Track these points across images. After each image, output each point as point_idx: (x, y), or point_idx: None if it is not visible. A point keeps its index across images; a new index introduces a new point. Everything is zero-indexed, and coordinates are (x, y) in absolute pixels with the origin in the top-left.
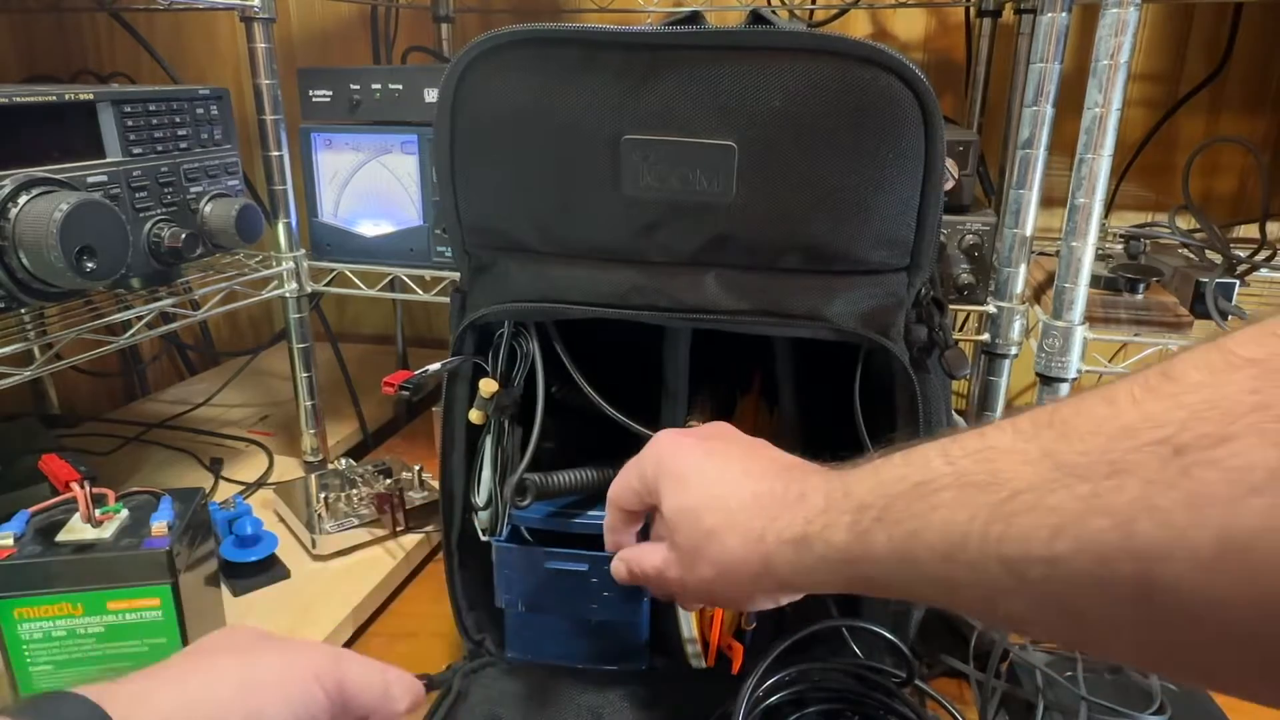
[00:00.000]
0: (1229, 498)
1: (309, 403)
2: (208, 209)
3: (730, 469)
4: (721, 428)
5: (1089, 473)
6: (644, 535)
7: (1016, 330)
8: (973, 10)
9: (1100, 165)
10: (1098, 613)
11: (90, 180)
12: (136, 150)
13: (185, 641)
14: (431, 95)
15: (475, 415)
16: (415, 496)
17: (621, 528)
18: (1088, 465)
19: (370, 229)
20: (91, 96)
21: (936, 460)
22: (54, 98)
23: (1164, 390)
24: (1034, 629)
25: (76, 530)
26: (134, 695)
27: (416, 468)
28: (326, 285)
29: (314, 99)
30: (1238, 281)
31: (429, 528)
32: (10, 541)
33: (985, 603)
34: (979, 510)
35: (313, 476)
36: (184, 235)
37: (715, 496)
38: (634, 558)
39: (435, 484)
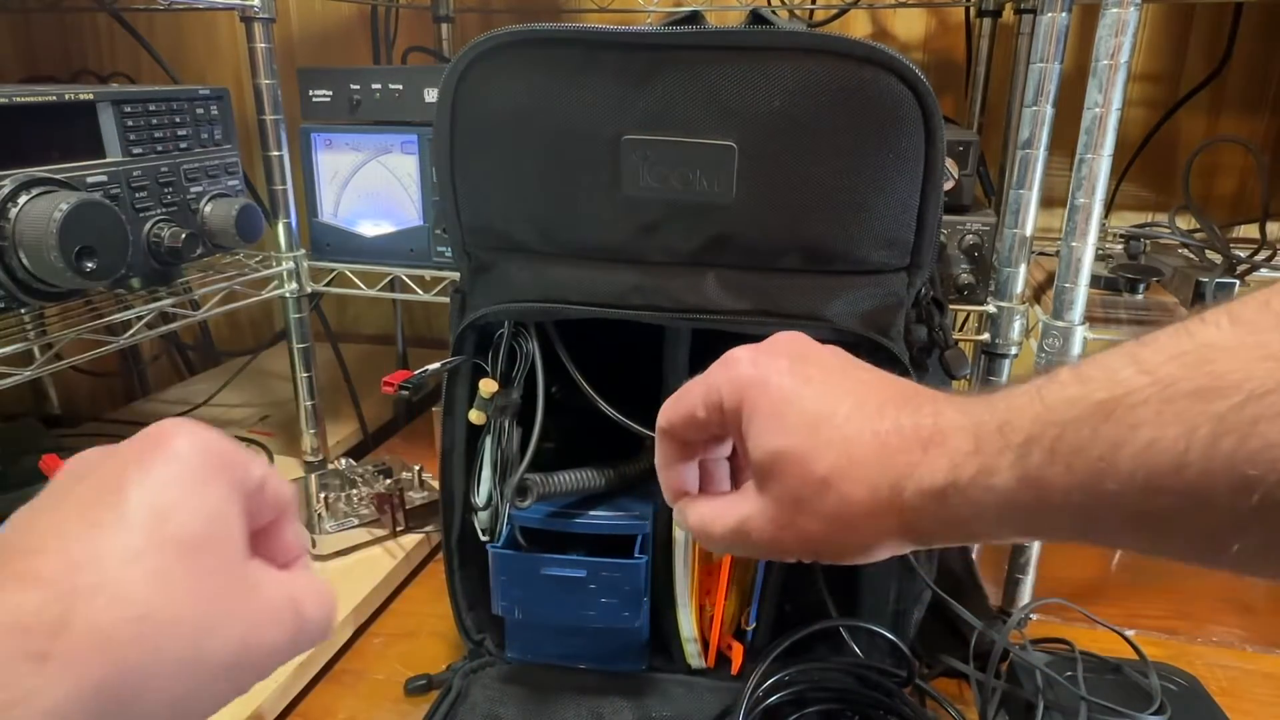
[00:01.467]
0: None
1: (309, 403)
2: (208, 209)
3: (840, 401)
4: (801, 342)
5: None
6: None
7: (1016, 330)
8: (973, 10)
9: (1100, 165)
10: None
11: (90, 180)
12: (136, 150)
13: None
14: (431, 95)
15: (475, 415)
16: (415, 496)
17: (678, 463)
18: None
19: (370, 229)
20: (91, 96)
21: (1126, 370)
22: (54, 98)
23: None
24: (1274, 569)
25: None
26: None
27: (416, 468)
28: (326, 285)
29: (314, 99)
30: (1238, 281)
31: (429, 528)
32: None
33: (1210, 539)
34: (1200, 422)
35: (313, 476)
36: (184, 235)
37: (827, 439)
38: (710, 515)
39: (435, 484)
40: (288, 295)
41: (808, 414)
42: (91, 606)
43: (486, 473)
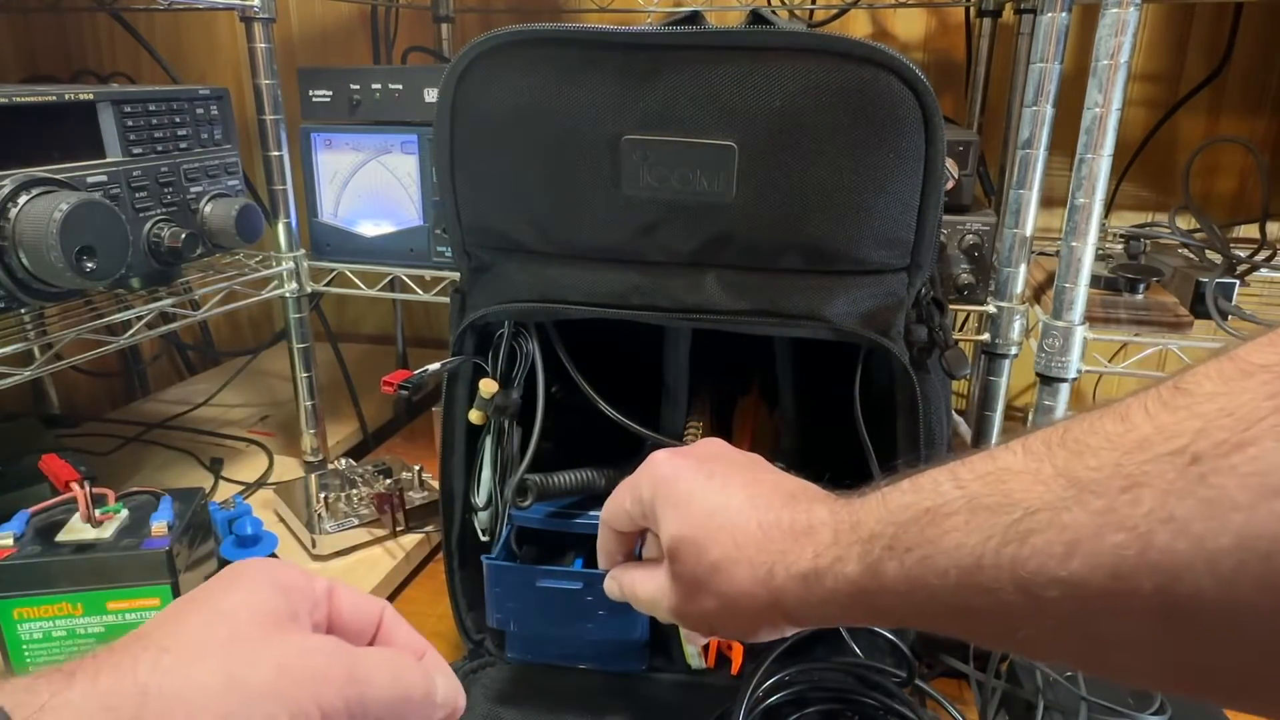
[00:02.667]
0: (1248, 503)
1: (309, 403)
2: (208, 209)
3: (733, 495)
4: (717, 445)
5: (1103, 488)
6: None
7: (1016, 330)
8: (973, 10)
9: (1100, 165)
10: (1118, 633)
11: (90, 180)
12: (136, 150)
13: None
14: (431, 95)
15: (475, 415)
16: (415, 496)
17: (615, 548)
18: (1102, 480)
19: (370, 229)
20: (91, 96)
21: (946, 484)
22: (54, 98)
23: (1177, 402)
24: (1052, 653)
25: (76, 530)
26: (58, 696)
27: (416, 468)
28: (326, 285)
29: (314, 99)
30: (1238, 281)
31: (429, 528)
32: (10, 541)
33: (1002, 629)
34: (992, 532)
35: (313, 476)
36: (184, 235)
37: (719, 527)
38: (628, 581)
39: (435, 484)
40: (288, 295)
41: (705, 506)
42: (111, 698)
43: (486, 473)
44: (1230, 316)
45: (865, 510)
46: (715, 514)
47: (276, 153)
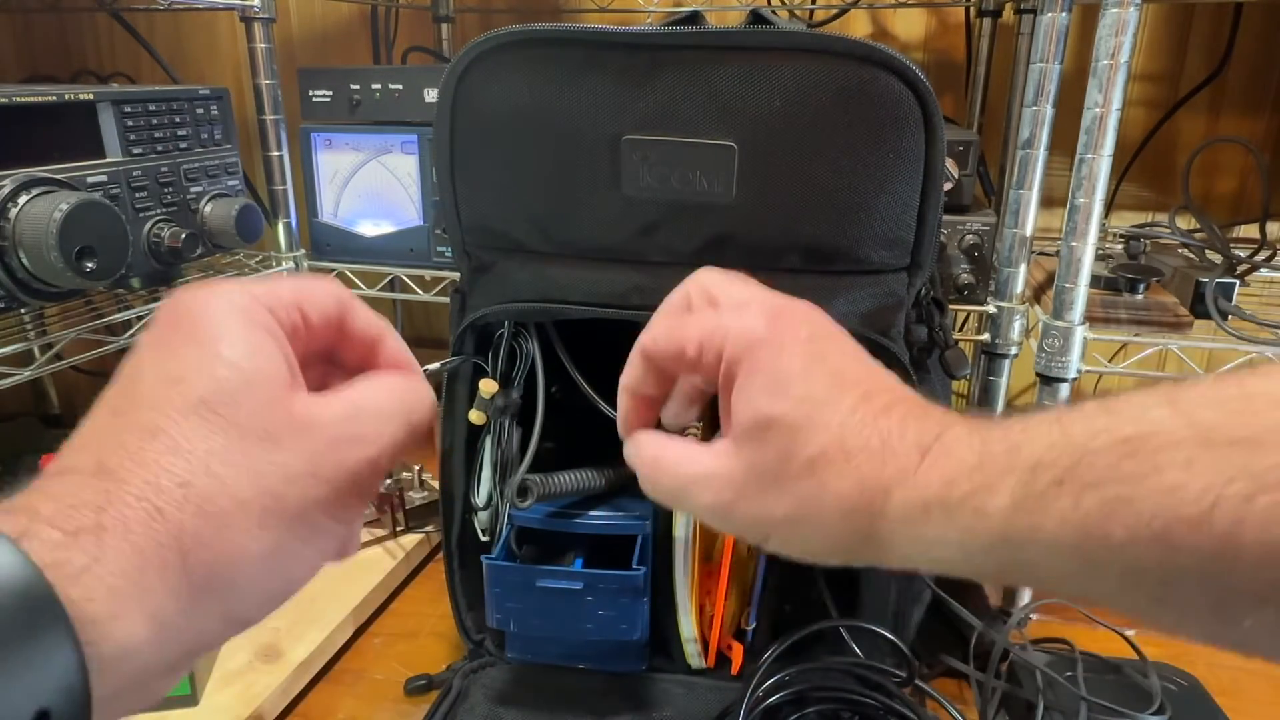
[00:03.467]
0: None
1: None
2: (208, 209)
3: (849, 389)
4: (823, 318)
5: None
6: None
7: (1016, 330)
8: (973, 10)
9: (1100, 165)
10: None
11: (90, 180)
12: (136, 150)
13: None
14: (431, 95)
15: (475, 415)
16: (415, 496)
17: (646, 391)
18: None
19: (370, 229)
20: (91, 96)
21: (1159, 409)
22: (54, 98)
23: None
24: (1246, 624)
25: None
26: (92, 554)
27: (416, 468)
28: None
29: (314, 99)
30: (1238, 281)
31: (429, 528)
32: None
33: (1219, 610)
34: (1236, 475)
35: None
36: (184, 235)
37: (825, 421)
38: (668, 458)
39: (435, 484)
40: None
41: (813, 390)
42: (128, 486)
43: (486, 473)
44: (1230, 316)
45: (1029, 432)
46: (823, 406)
47: (276, 153)
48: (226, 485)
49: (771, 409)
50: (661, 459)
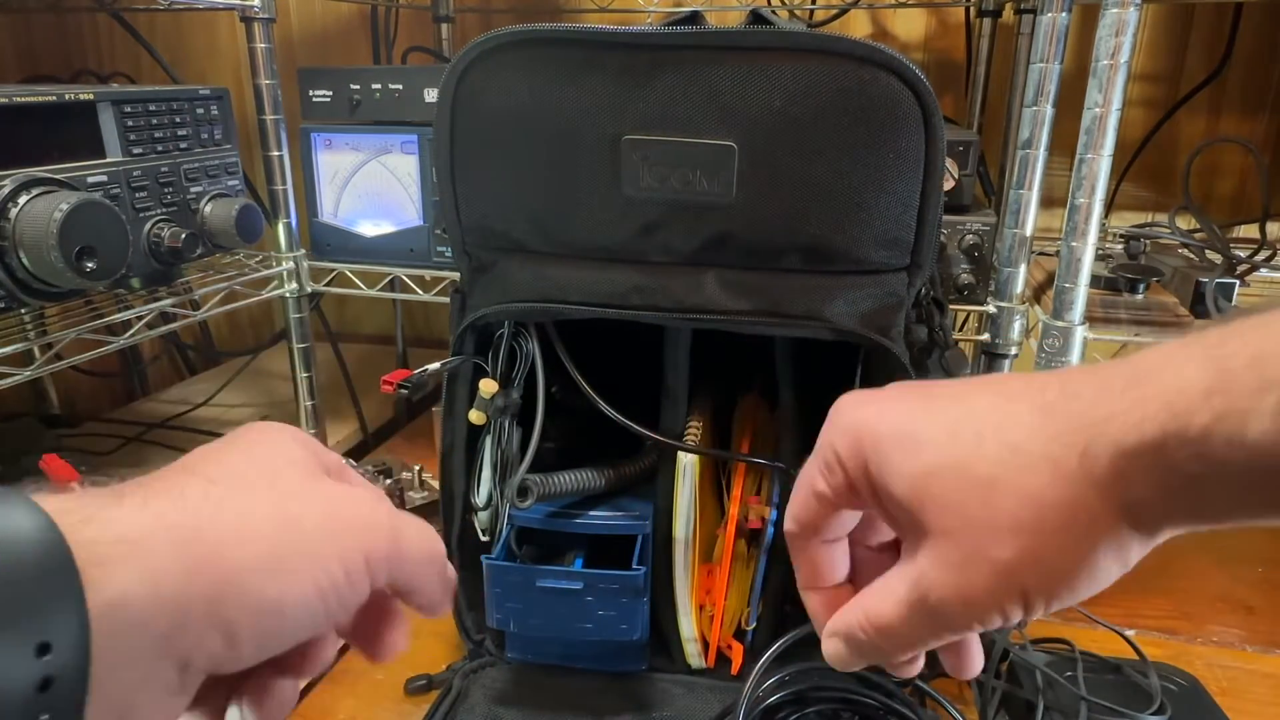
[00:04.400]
0: None
1: (309, 403)
2: (208, 209)
3: (976, 398)
4: (907, 382)
5: None
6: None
7: (1016, 330)
8: (973, 10)
9: (1100, 165)
10: None
11: (90, 180)
12: (136, 150)
13: None
14: (431, 95)
15: (475, 416)
16: (415, 496)
17: (816, 522)
18: None
19: (370, 229)
20: (91, 96)
21: None
22: (54, 98)
23: None
24: None
25: None
26: (119, 527)
27: (416, 468)
28: (326, 285)
29: (314, 99)
30: (1238, 281)
31: None
32: None
33: None
34: None
35: None
36: (184, 235)
37: (975, 433)
38: (862, 614)
39: (435, 484)
40: (288, 295)
41: (943, 422)
42: (155, 482)
43: (486, 473)
44: None
45: (1267, 338)
46: (961, 423)
47: (276, 153)
48: (247, 515)
49: (916, 464)
50: (868, 609)
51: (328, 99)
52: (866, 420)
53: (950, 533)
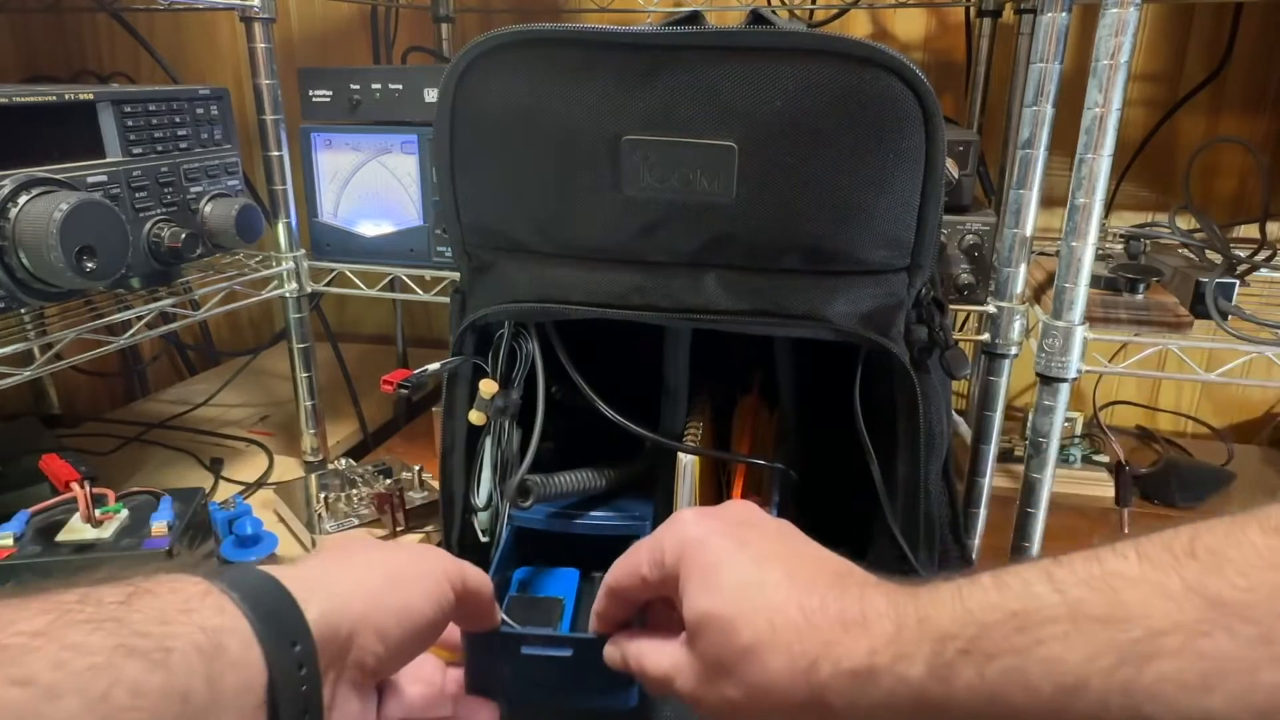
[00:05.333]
0: None
1: (309, 403)
2: (208, 209)
3: (769, 570)
4: (747, 509)
5: (1259, 613)
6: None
7: (1016, 330)
8: (973, 10)
9: (1100, 165)
10: None
11: (90, 180)
12: (136, 150)
13: None
14: (431, 95)
15: (475, 416)
16: (415, 496)
17: (616, 613)
18: (1256, 603)
19: (370, 229)
20: (91, 96)
21: (1039, 586)
22: (54, 98)
23: None
24: None
25: (76, 530)
26: (301, 579)
27: (416, 468)
28: (326, 285)
29: (314, 99)
30: (1238, 281)
31: (429, 528)
32: (10, 541)
33: None
34: (1103, 650)
35: (313, 476)
36: (184, 235)
37: (754, 607)
38: (636, 652)
39: (435, 484)
40: (288, 295)
41: (738, 578)
42: (322, 591)
43: (486, 473)
44: (1230, 317)
45: (935, 605)
46: (749, 590)
47: (276, 153)
48: (361, 564)
49: (704, 605)
50: (641, 656)
51: (328, 99)
52: (692, 542)
53: (706, 662)
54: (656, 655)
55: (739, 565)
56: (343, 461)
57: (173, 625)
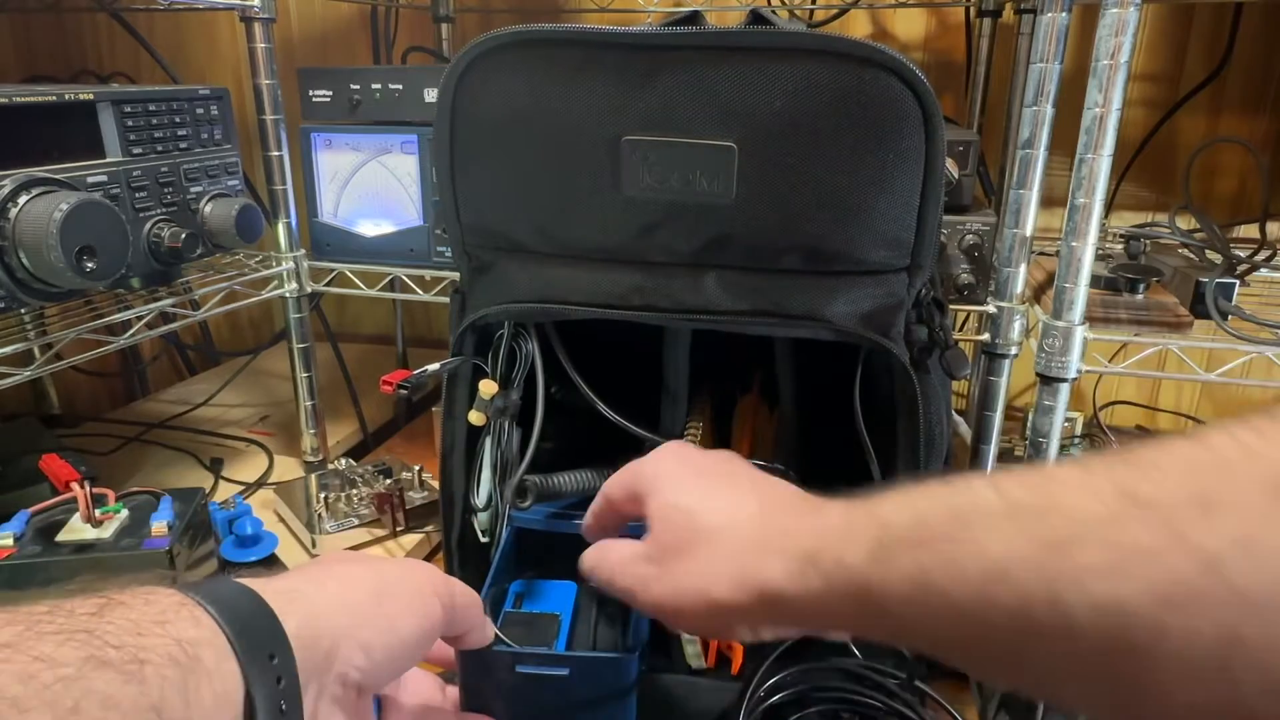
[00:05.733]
0: None
1: (309, 403)
2: (208, 209)
3: (738, 486)
4: (734, 456)
5: (1171, 507)
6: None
7: (1016, 330)
8: (973, 10)
9: (1100, 165)
10: (1159, 674)
11: (90, 180)
12: (136, 150)
13: None
14: (431, 95)
15: (475, 417)
16: (415, 496)
17: (605, 520)
18: (1167, 498)
19: (370, 229)
20: (91, 96)
21: (985, 489)
22: (54, 98)
23: (1272, 431)
24: (1068, 690)
25: (76, 530)
26: (281, 591)
27: (416, 468)
28: (326, 285)
29: (314, 99)
30: (1238, 281)
31: (429, 528)
32: (10, 541)
33: (1015, 650)
34: (1030, 540)
35: (313, 476)
36: (184, 235)
37: (716, 507)
38: (604, 547)
39: (435, 484)
40: (288, 295)
41: (708, 486)
42: (302, 604)
43: (486, 474)
44: (1230, 316)
45: (885, 503)
46: (715, 491)
47: (276, 153)
48: (348, 576)
49: (672, 498)
50: (602, 550)
51: (328, 99)
52: (664, 461)
53: (663, 545)
54: (620, 547)
55: (709, 479)
56: (343, 461)
57: (147, 637)
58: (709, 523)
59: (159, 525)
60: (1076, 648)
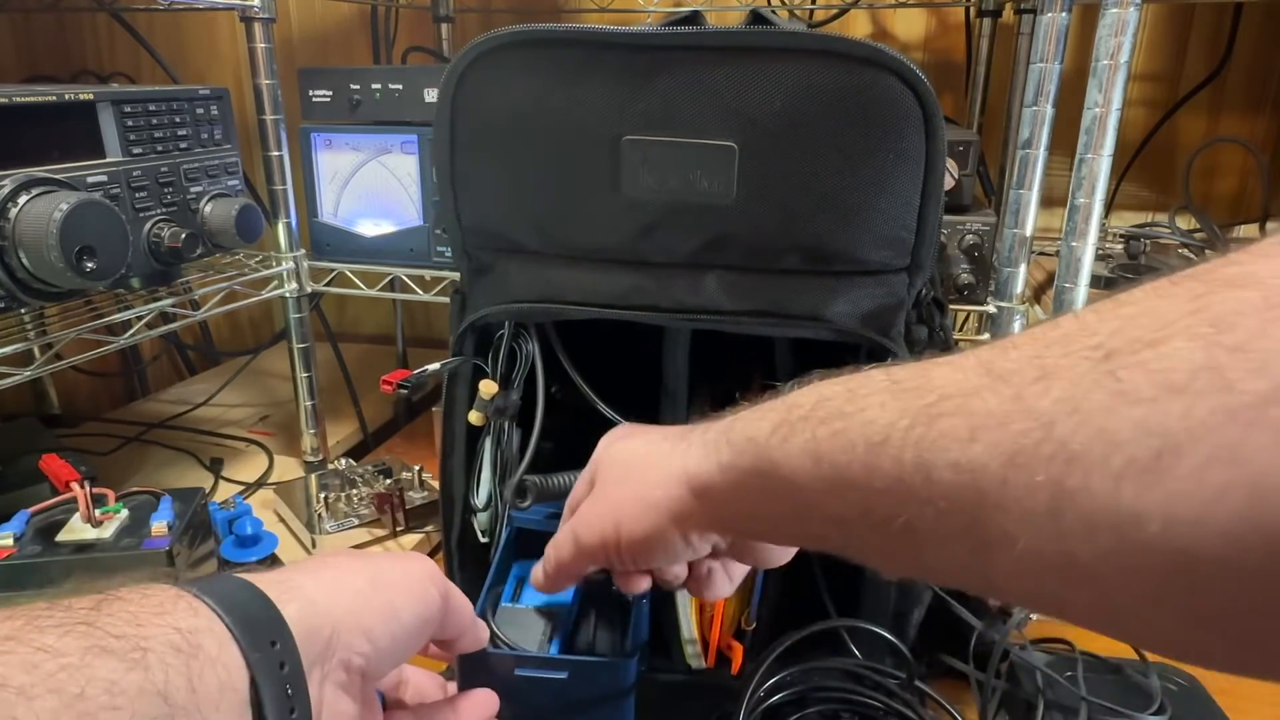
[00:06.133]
0: (1151, 397)
1: (309, 403)
2: (208, 209)
3: (678, 432)
4: (628, 426)
5: (1017, 377)
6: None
7: (1016, 330)
8: (973, 10)
9: (1100, 165)
10: (1005, 523)
11: (90, 180)
12: (136, 150)
13: None
14: (431, 95)
15: (475, 417)
16: (415, 496)
17: (567, 567)
18: (1016, 370)
19: (370, 229)
20: (91, 96)
21: (877, 374)
22: (54, 98)
23: (1106, 308)
24: (930, 554)
25: (76, 530)
26: (278, 582)
27: (416, 468)
28: (326, 285)
29: (314, 99)
30: None
31: (429, 528)
32: (10, 541)
33: (892, 518)
34: (905, 412)
35: (313, 476)
36: (184, 235)
37: (652, 446)
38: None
39: (435, 484)
40: (288, 295)
41: (641, 436)
42: (299, 592)
43: (486, 474)
44: None
45: (794, 393)
46: (653, 438)
47: (276, 153)
48: (346, 568)
49: (615, 453)
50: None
51: (328, 99)
52: (603, 452)
53: (605, 480)
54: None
55: (650, 432)
56: (343, 461)
57: (146, 627)
58: (644, 453)
59: (159, 525)
60: (939, 508)
